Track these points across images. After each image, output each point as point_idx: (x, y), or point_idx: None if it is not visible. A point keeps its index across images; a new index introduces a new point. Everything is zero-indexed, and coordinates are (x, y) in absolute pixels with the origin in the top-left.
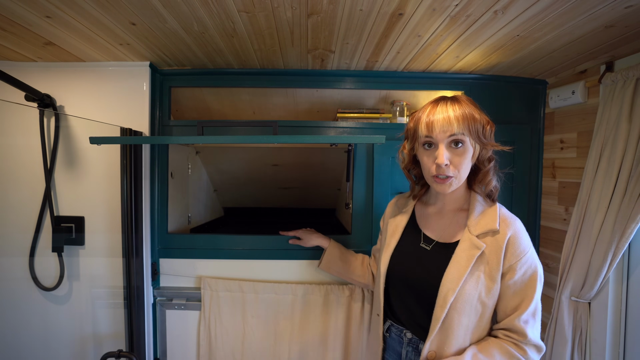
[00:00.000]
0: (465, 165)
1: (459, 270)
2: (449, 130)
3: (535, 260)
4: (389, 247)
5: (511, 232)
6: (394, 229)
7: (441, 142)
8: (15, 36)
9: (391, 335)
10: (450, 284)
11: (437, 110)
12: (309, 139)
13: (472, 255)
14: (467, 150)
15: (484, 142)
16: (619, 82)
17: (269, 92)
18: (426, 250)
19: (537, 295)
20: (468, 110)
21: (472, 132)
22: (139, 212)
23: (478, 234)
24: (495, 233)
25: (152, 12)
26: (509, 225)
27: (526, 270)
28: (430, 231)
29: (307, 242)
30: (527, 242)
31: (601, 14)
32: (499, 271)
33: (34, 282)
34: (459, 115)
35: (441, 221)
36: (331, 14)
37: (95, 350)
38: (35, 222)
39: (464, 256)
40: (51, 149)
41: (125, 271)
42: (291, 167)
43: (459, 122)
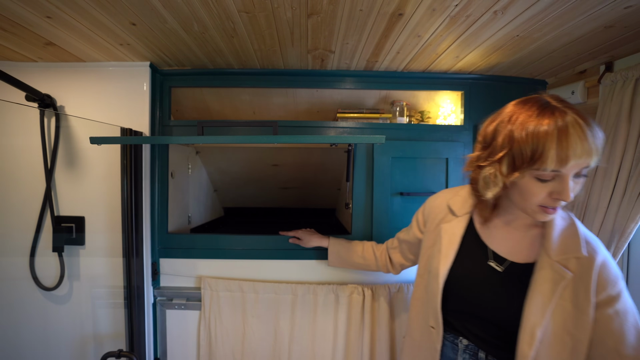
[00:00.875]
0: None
1: (544, 302)
2: (585, 163)
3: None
4: (447, 260)
5: (601, 258)
6: (450, 238)
7: (570, 174)
8: (15, 36)
9: (444, 343)
10: (535, 317)
11: (573, 139)
12: (309, 139)
13: (557, 284)
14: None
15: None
16: (619, 82)
17: (269, 92)
18: (496, 271)
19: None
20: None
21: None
22: (139, 212)
23: (560, 259)
24: (581, 259)
25: (152, 12)
26: (596, 250)
27: (620, 299)
28: (497, 247)
29: (306, 243)
30: (617, 268)
31: (601, 14)
32: (590, 302)
33: (34, 282)
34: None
35: (510, 236)
36: (331, 14)
37: (96, 350)
38: (35, 222)
39: (547, 286)
40: (51, 149)
41: (126, 271)
42: (291, 167)
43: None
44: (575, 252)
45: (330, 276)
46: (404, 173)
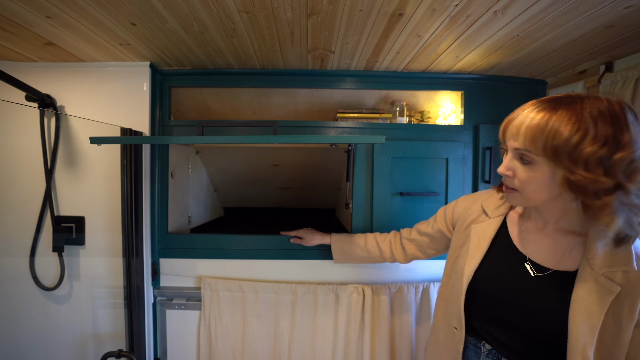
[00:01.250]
0: (535, 187)
1: (592, 321)
2: (515, 142)
3: None
4: (474, 260)
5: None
6: (479, 239)
7: (510, 150)
8: (15, 36)
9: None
10: (585, 337)
11: (522, 112)
12: (309, 139)
13: (605, 300)
14: (537, 171)
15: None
16: (619, 82)
17: (269, 92)
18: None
19: None
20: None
21: (547, 150)
22: (139, 212)
23: (605, 272)
24: (629, 272)
25: (152, 12)
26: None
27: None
28: (529, 251)
29: (308, 242)
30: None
31: (601, 14)
32: (634, 319)
33: (34, 282)
34: (532, 127)
35: (544, 242)
36: (331, 14)
37: (96, 350)
38: (35, 222)
39: (593, 302)
40: (51, 149)
41: (126, 271)
42: (291, 167)
43: (527, 136)
44: (625, 265)
45: (330, 276)
46: (404, 173)
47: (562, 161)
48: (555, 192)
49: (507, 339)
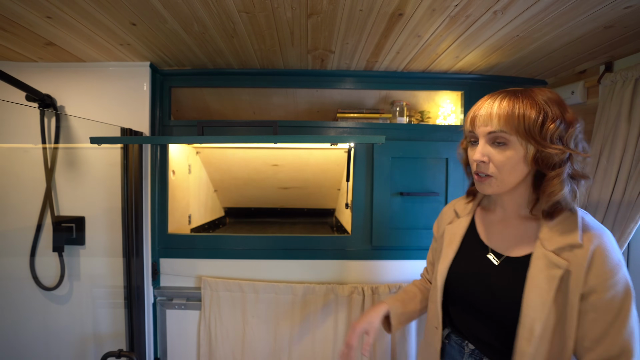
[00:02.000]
0: (508, 167)
1: (542, 296)
2: (489, 126)
3: (628, 284)
4: (446, 258)
5: (595, 245)
6: (451, 238)
7: (482, 137)
8: (15, 36)
9: (450, 343)
10: (534, 312)
11: (484, 104)
12: (309, 139)
13: (554, 276)
14: (512, 150)
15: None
16: (618, 83)
17: (269, 92)
18: (494, 265)
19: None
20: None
21: (520, 130)
22: (139, 212)
23: (554, 249)
24: (575, 247)
25: (152, 12)
26: (592, 237)
27: (615, 294)
28: (494, 242)
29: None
30: (617, 259)
31: (600, 14)
32: (578, 292)
33: (34, 282)
34: (503, 112)
35: (506, 231)
36: (331, 14)
37: (96, 349)
38: (35, 222)
39: (543, 278)
40: (51, 149)
41: (126, 271)
42: (291, 167)
43: (500, 119)
44: (570, 240)
45: (330, 276)
46: (404, 173)
47: (533, 138)
48: (524, 173)
49: (486, 335)
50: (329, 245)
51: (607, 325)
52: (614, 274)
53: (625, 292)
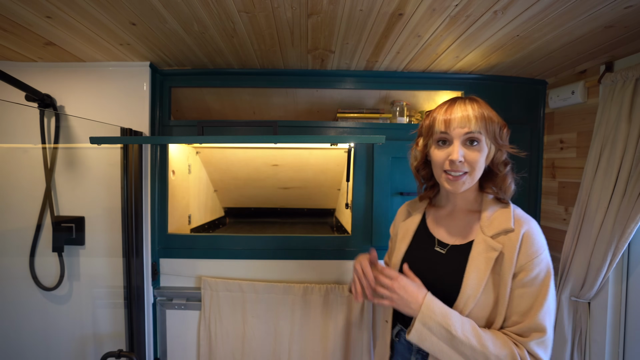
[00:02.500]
0: (480, 165)
1: (479, 276)
2: (467, 128)
3: (549, 264)
4: (399, 252)
5: (525, 229)
6: (404, 233)
7: (457, 138)
8: (15, 36)
9: (400, 340)
10: (471, 290)
11: (455, 108)
12: (309, 139)
13: (490, 257)
14: (482, 149)
15: (500, 144)
16: (619, 82)
17: (269, 92)
18: (441, 254)
19: (550, 300)
20: (486, 111)
21: (489, 132)
22: (139, 212)
23: (492, 235)
24: (509, 232)
25: (152, 12)
26: (522, 224)
27: (539, 272)
28: (442, 234)
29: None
30: (541, 242)
31: (601, 14)
32: (511, 271)
33: (34, 282)
34: (478, 115)
35: (453, 223)
36: (331, 14)
37: (96, 350)
38: (35, 222)
39: (482, 259)
40: (51, 149)
41: (126, 271)
42: (291, 167)
43: (477, 121)
44: (505, 226)
45: (330, 276)
46: (404, 173)
47: (495, 139)
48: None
49: None
50: (329, 245)
51: (532, 299)
52: (539, 254)
53: (547, 271)
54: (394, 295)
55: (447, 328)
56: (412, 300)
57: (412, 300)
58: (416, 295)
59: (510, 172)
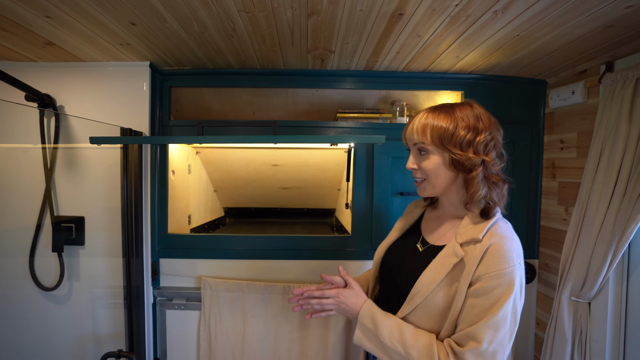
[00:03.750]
0: (434, 173)
1: (433, 276)
2: (411, 139)
3: (513, 283)
4: (388, 240)
5: (492, 242)
6: (399, 226)
7: (411, 148)
8: (15, 36)
9: None
10: (421, 287)
11: (414, 120)
12: (309, 139)
13: (449, 262)
14: (432, 158)
15: (452, 150)
16: (619, 82)
17: (269, 92)
18: (418, 250)
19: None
20: (437, 120)
21: (435, 140)
22: (139, 212)
23: (462, 242)
24: (477, 242)
25: (152, 12)
26: (493, 236)
27: (497, 286)
28: (428, 234)
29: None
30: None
31: (601, 14)
32: (468, 280)
33: (34, 282)
34: (420, 125)
35: (439, 225)
36: (331, 14)
37: (96, 350)
38: (35, 222)
39: (441, 262)
40: (51, 149)
41: (125, 271)
42: (291, 167)
43: (418, 132)
44: (474, 235)
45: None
46: (404, 173)
47: (444, 146)
48: (449, 176)
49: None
50: (329, 245)
51: (482, 312)
52: (501, 269)
53: (507, 289)
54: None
55: (377, 336)
56: (352, 308)
57: (352, 308)
58: (355, 304)
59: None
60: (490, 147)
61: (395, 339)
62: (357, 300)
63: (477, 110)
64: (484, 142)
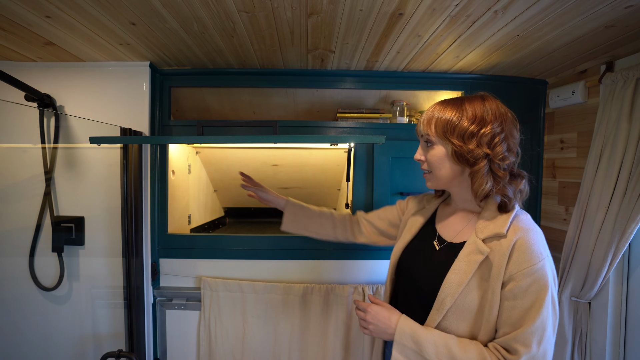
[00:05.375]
0: (438, 164)
1: (460, 277)
2: (419, 131)
3: (546, 277)
4: (403, 240)
5: (519, 237)
6: (412, 224)
7: (420, 139)
8: (15, 36)
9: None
10: (449, 289)
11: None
12: (309, 139)
13: (475, 260)
14: (435, 149)
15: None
16: (619, 82)
17: (269, 92)
18: (435, 249)
19: (544, 316)
20: (443, 112)
21: (439, 131)
22: (139, 212)
23: (484, 238)
24: (502, 237)
25: (152, 12)
26: (518, 230)
27: (531, 283)
28: (444, 231)
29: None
30: (538, 251)
31: (601, 14)
32: (500, 279)
33: (34, 282)
34: (427, 117)
35: (454, 222)
36: (331, 14)
37: (95, 350)
38: (35, 222)
39: (466, 261)
40: (51, 149)
41: (125, 271)
42: (291, 167)
43: (424, 124)
44: (497, 230)
45: (330, 276)
46: (404, 173)
47: (447, 137)
48: (453, 169)
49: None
50: (329, 245)
51: (523, 312)
52: (532, 264)
53: (543, 284)
54: (370, 326)
55: (421, 354)
56: (386, 327)
57: (386, 327)
58: (389, 322)
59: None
60: (499, 141)
61: (443, 354)
62: (390, 314)
63: (489, 103)
64: (489, 135)
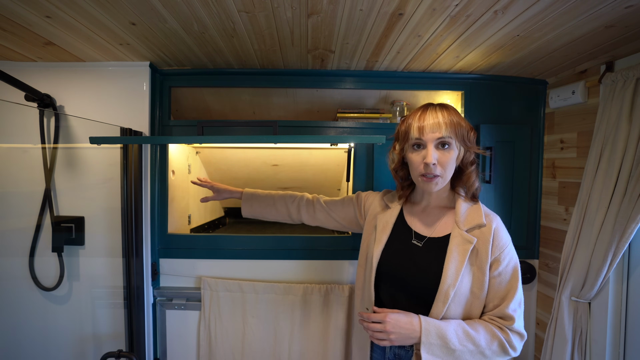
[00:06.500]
0: (451, 165)
1: (457, 266)
2: (438, 133)
3: (515, 254)
4: (380, 243)
5: (495, 224)
6: (383, 225)
7: (430, 142)
8: (15, 36)
9: None
10: (450, 279)
11: (427, 115)
12: (309, 139)
13: (466, 249)
14: (453, 151)
15: (468, 146)
16: (619, 82)
17: (269, 92)
18: (418, 247)
19: (520, 285)
20: (455, 117)
21: (458, 135)
22: (139, 212)
23: (467, 229)
24: (482, 226)
25: (152, 12)
26: (492, 219)
27: (509, 261)
28: (418, 227)
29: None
30: (507, 235)
31: (601, 14)
32: (488, 262)
33: (34, 282)
34: (447, 121)
35: (428, 218)
36: (331, 14)
37: (95, 350)
38: (35, 222)
39: (459, 251)
40: (51, 149)
41: (125, 271)
42: (291, 167)
43: (447, 127)
44: (478, 221)
45: (330, 276)
46: None
47: (464, 142)
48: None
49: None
50: (329, 245)
51: (509, 286)
52: (506, 246)
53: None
54: (392, 336)
55: (447, 346)
56: (410, 332)
57: (410, 332)
58: (412, 326)
59: (475, 170)
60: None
61: (463, 339)
62: (410, 318)
63: None
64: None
